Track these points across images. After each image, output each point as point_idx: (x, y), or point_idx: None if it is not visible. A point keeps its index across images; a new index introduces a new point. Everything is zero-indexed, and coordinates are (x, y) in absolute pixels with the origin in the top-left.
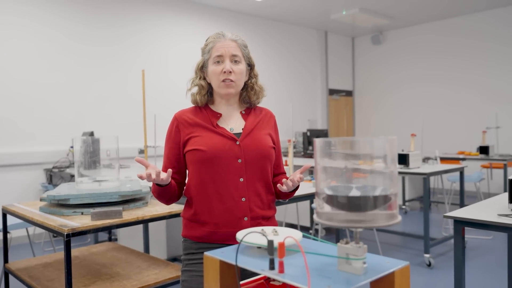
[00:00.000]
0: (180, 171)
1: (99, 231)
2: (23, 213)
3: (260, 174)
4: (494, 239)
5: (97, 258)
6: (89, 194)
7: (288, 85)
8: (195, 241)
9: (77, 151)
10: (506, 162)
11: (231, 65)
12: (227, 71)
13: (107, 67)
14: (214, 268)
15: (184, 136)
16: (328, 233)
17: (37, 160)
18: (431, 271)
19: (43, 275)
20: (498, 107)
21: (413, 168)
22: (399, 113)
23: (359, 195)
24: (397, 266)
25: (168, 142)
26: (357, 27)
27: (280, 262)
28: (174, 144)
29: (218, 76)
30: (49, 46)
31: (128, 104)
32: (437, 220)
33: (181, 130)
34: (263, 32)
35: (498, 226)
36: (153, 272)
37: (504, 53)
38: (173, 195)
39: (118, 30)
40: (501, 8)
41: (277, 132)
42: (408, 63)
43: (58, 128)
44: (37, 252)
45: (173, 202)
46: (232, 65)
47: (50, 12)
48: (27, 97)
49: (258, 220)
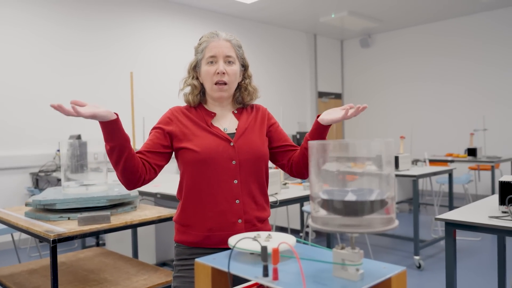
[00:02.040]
0: (155, 154)
1: (86, 237)
2: (8, 219)
3: (254, 176)
4: (483, 240)
5: (85, 264)
6: (76, 198)
7: (277, 88)
8: (188, 246)
9: (64, 155)
10: (493, 164)
11: (224, 66)
12: (220, 72)
13: (94, 70)
14: (206, 275)
15: (176, 128)
16: (319, 236)
17: (23, 164)
18: (421, 273)
19: (29, 282)
20: (485, 110)
21: (402, 170)
22: (387, 115)
23: (355, 199)
24: (394, 272)
25: (156, 128)
26: (346, 30)
27: (274, 268)
28: (161, 131)
29: (212, 77)
30: (36, 49)
31: (116, 106)
32: (426, 222)
33: (174, 122)
34: (253, 34)
35: (489, 228)
36: (142, 278)
37: (491, 56)
38: (129, 158)
39: (106, 33)
40: (487, 11)
41: (273, 119)
42: (396, 66)
43: (45, 131)
44: (22, 258)
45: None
46: (225, 66)
47: (36, 16)
48: (13, 100)
49: (253, 222)
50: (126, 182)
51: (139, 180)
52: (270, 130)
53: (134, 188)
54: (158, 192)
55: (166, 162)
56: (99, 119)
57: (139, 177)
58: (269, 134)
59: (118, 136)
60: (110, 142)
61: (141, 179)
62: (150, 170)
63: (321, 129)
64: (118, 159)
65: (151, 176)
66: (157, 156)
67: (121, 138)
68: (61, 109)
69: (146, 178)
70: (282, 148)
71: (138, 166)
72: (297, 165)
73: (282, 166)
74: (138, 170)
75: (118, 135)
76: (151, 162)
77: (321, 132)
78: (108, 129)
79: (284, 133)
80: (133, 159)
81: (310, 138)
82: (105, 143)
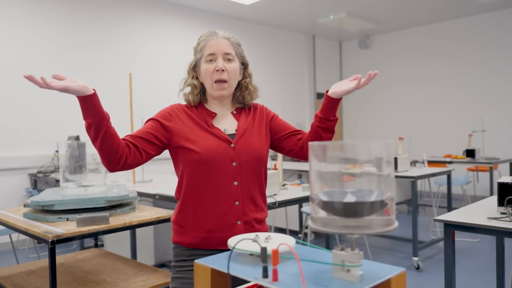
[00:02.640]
0: (145, 141)
1: (85, 238)
2: (6, 220)
3: (254, 177)
4: (481, 241)
5: (83, 265)
6: (74, 199)
7: (276, 89)
8: (186, 247)
9: (62, 156)
10: (492, 165)
11: (224, 63)
12: (220, 69)
13: (93, 70)
14: (205, 276)
15: (175, 125)
16: (317, 237)
17: (21, 165)
18: (420, 274)
19: (27, 283)
20: (484, 111)
21: (401, 171)
22: (386, 116)
23: (354, 200)
24: (394, 273)
25: (152, 119)
26: (345, 31)
27: (274, 270)
28: (158, 123)
29: (211, 75)
30: (34, 50)
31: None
32: (425, 223)
33: (173, 119)
34: (251, 36)
35: (488, 229)
36: (141, 279)
37: (490, 57)
38: (106, 136)
39: (105, 34)
40: (487, 13)
41: (271, 112)
42: (395, 67)
43: (43, 132)
44: (21, 259)
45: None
46: (225, 63)
47: (34, 16)
48: (11, 101)
49: (251, 224)
50: (105, 161)
51: (119, 161)
52: (271, 124)
53: (115, 169)
54: (157, 193)
55: (155, 152)
56: (71, 93)
57: (119, 158)
58: (271, 128)
59: (94, 112)
60: (87, 118)
61: (121, 161)
62: (136, 153)
63: (334, 103)
64: (95, 136)
65: (135, 160)
66: (146, 143)
67: (98, 115)
68: (33, 80)
69: (128, 161)
70: (286, 135)
71: (119, 146)
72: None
73: (288, 152)
74: (118, 150)
75: (95, 111)
76: (138, 146)
77: (334, 106)
78: (84, 105)
79: (285, 122)
80: (111, 138)
81: (321, 114)
82: (84, 120)
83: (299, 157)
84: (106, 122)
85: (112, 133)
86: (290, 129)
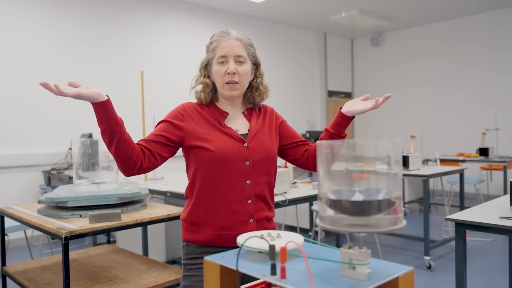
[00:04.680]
0: (158, 144)
1: (97, 234)
2: (21, 216)
3: (265, 176)
4: (494, 241)
5: (96, 260)
6: (87, 196)
7: (287, 87)
8: (198, 245)
9: (76, 153)
10: (505, 164)
11: (235, 66)
12: (231, 72)
13: (105, 68)
14: (215, 273)
15: (188, 125)
16: (328, 235)
17: (36, 162)
18: (431, 274)
19: (41, 278)
20: (497, 109)
21: (413, 170)
22: (398, 114)
23: (362, 199)
24: (401, 271)
25: (165, 121)
26: (356, 28)
27: (282, 267)
28: (171, 125)
29: (222, 77)
30: (48, 48)
31: (126, 106)
32: (437, 222)
33: (186, 119)
34: (262, 34)
35: (499, 229)
36: (152, 275)
37: (503, 55)
38: (121, 142)
39: (116, 31)
40: (502, 9)
41: (280, 117)
42: (408, 65)
43: (57, 130)
44: (35, 255)
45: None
46: (236, 66)
47: (47, 13)
48: (26, 99)
49: (262, 222)
50: (121, 166)
51: (135, 166)
52: (280, 129)
53: (131, 174)
54: (168, 190)
55: (169, 154)
56: (85, 99)
57: (134, 163)
58: (280, 133)
59: (107, 119)
60: (101, 124)
61: (136, 166)
62: (150, 157)
63: (347, 121)
64: (110, 142)
65: (150, 164)
66: (160, 146)
67: (112, 121)
68: (48, 87)
69: (144, 166)
70: (293, 144)
71: (133, 152)
72: (314, 157)
73: (293, 161)
74: (132, 156)
75: (108, 118)
76: (152, 150)
77: (346, 124)
78: (98, 111)
79: (293, 129)
80: (126, 144)
81: (333, 129)
82: (98, 126)
83: (304, 168)
84: (120, 128)
85: (126, 139)
86: (297, 138)
